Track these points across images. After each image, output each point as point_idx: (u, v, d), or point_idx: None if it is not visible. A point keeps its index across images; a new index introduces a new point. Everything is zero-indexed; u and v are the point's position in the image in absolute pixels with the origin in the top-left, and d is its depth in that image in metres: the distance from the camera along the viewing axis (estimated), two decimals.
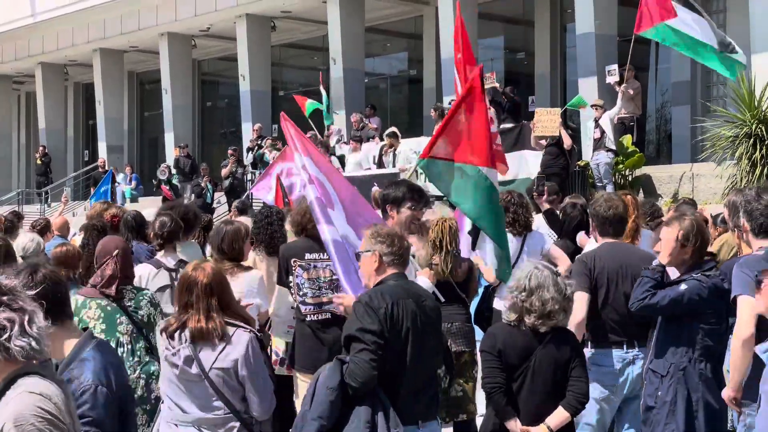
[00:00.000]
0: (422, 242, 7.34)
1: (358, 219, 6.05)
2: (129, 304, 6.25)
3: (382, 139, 20.20)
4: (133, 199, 27.19)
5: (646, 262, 6.28)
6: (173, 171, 25.29)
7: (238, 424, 5.01)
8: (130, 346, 6.16)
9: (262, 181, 12.74)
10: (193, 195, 23.48)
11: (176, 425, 5.05)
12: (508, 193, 8.59)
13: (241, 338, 4.99)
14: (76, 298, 6.31)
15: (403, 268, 5.11)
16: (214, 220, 11.05)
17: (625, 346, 6.31)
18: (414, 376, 4.86)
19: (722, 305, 5.66)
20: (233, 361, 4.94)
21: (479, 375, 7.78)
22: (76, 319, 6.21)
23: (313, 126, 22.55)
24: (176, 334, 4.99)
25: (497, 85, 19.32)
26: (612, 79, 17.60)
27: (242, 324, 5.10)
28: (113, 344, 6.14)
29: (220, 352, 4.93)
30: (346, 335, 4.78)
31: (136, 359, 6.17)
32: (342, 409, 4.65)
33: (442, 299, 6.58)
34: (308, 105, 23.65)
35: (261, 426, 5.17)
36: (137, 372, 6.18)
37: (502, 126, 17.27)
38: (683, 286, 5.67)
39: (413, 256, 6.29)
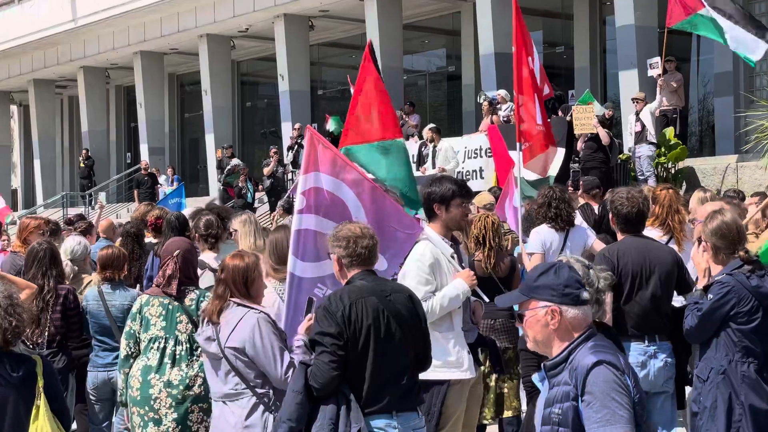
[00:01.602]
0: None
1: (389, 229, 6.02)
2: (190, 303, 6.32)
3: (421, 137, 20.12)
4: None
5: (669, 257, 6.25)
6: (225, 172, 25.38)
7: (253, 397, 5.49)
8: (188, 345, 6.29)
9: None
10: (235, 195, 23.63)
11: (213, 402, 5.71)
12: (549, 188, 8.52)
13: (249, 321, 5.46)
14: (140, 297, 6.43)
15: (367, 265, 5.13)
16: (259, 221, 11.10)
17: (646, 340, 6.30)
18: (379, 369, 4.92)
19: (751, 304, 5.56)
20: (242, 341, 5.41)
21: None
22: (138, 316, 6.31)
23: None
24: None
25: None
26: (654, 72, 17.41)
27: (255, 306, 5.55)
28: (172, 342, 6.24)
29: (231, 332, 5.45)
30: (309, 339, 4.96)
31: (194, 357, 6.25)
32: (312, 407, 4.82)
33: (486, 299, 6.54)
34: (331, 120, 23.47)
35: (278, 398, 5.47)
36: (195, 370, 6.25)
37: None
38: (704, 302, 5.64)
39: (453, 257, 6.20)
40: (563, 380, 3.59)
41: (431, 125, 19.56)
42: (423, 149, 19.49)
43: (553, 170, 15.93)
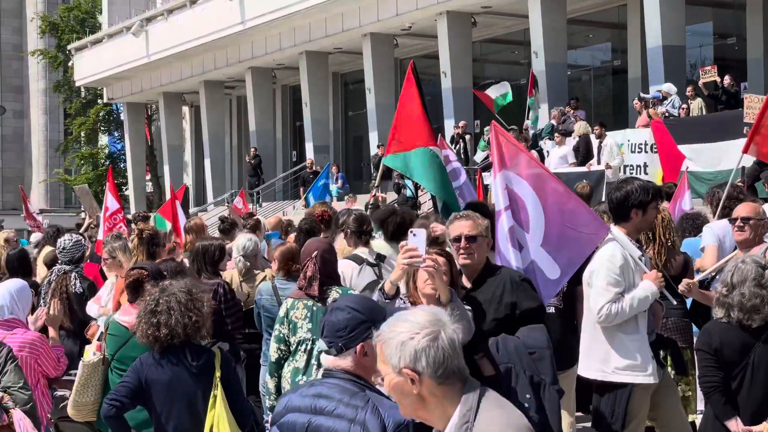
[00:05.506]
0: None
1: (568, 231, 6.01)
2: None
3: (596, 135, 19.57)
4: (340, 198, 27.79)
5: None
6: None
7: None
8: None
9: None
10: (393, 192, 23.82)
11: None
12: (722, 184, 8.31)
13: None
14: (286, 301, 6.54)
15: None
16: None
17: None
18: None
19: None
20: None
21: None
22: (286, 319, 6.40)
23: (503, 122, 22.39)
24: None
25: (718, 78, 18.62)
26: None
27: None
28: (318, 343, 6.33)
29: None
30: (539, 305, 5.39)
31: None
32: None
33: (674, 301, 6.39)
34: (497, 100, 23.56)
35: None
36: None
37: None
38: None
39: (641, 258, 6.08)
40: None
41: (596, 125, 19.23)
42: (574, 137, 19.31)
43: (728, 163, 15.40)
